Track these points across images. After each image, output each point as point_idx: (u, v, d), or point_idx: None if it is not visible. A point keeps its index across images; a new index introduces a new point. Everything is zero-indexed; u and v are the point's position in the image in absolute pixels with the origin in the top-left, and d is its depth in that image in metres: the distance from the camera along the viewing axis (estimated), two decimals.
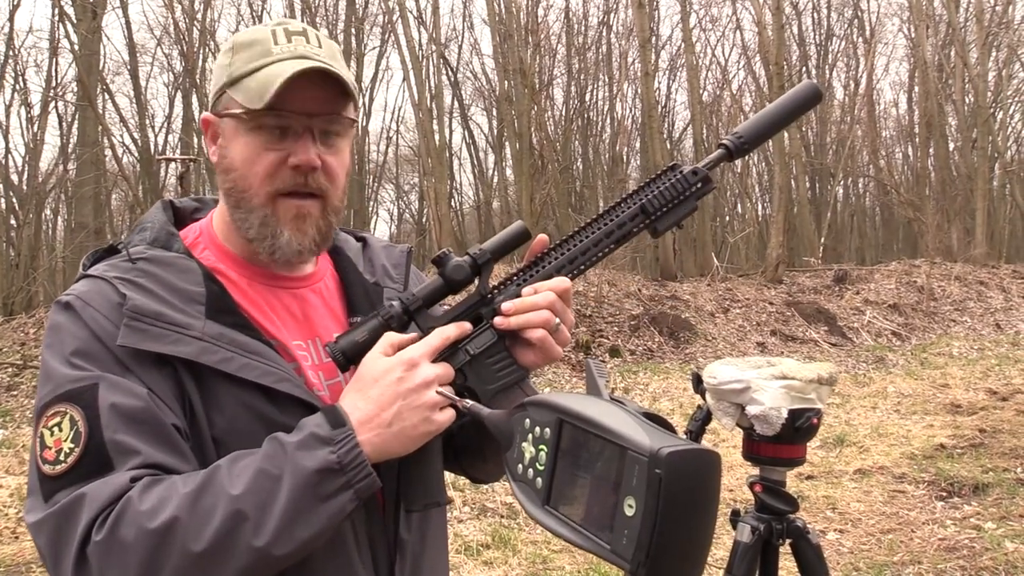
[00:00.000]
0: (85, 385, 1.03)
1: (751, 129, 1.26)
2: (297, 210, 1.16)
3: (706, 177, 1.23)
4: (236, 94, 1.13)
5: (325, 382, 1.19)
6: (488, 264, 1.17)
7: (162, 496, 0.97)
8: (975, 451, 6.44)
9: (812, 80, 1.33)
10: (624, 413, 0.76)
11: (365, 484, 1.01)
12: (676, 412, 7.89)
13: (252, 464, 1.00)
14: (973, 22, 21.96)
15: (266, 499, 0.97)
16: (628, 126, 23.62)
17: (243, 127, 1.14)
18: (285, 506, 0.97)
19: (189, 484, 0.98)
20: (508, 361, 1.16)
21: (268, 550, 0.97)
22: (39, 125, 19.80)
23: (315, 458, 0.99)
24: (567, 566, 4.48)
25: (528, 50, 17.82)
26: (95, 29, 15.34)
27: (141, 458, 1.01)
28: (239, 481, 0.98)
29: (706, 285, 13.61)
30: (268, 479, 0.98)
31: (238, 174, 1.15)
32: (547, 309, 1.14)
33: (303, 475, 0.98)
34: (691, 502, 0.68)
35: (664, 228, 1.22)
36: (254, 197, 1.15)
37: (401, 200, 32.99)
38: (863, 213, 31.55)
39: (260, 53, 1.14)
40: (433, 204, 16.90)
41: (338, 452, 1.00)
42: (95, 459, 1.00)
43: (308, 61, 1.11)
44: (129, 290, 1.08)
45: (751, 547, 1.56)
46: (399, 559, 1.17)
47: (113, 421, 1.01)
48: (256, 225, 1.16)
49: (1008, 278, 16.22)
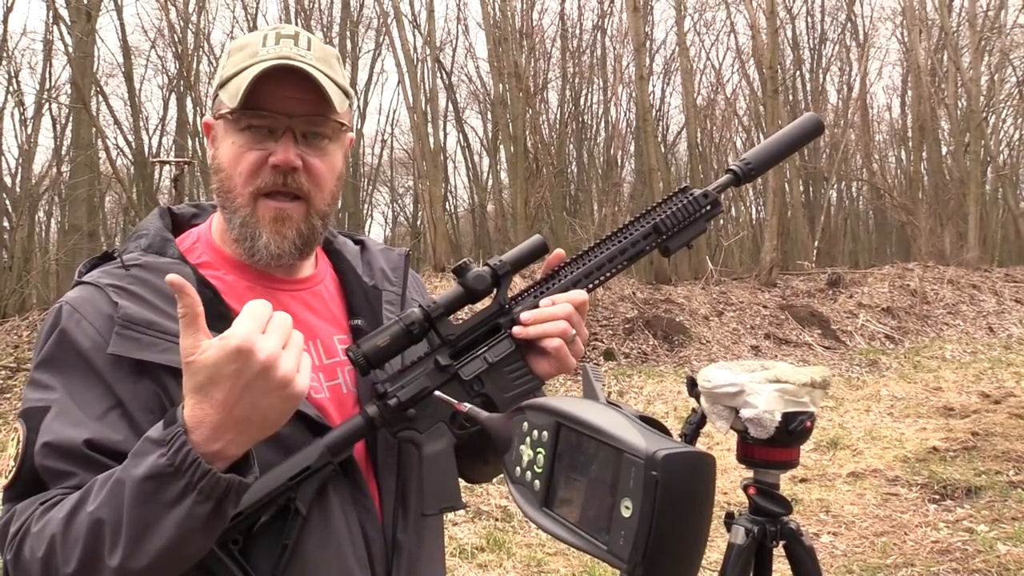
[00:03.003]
0: (38, 407, 1.06)
1: (758, 156, 1.32)
2: (276, 212, 1.15)
3: (716, 200, 1.29)
4: (223, 95, 1.15)
5: (325, 383, 1.20)
6: (508, 275, 1.20)
7: (49, 518, 0.98)
8: (968, 454, 6.46)
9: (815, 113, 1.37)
10: (620, 416, 0.77)
11: (207, 482, 0.92)
12: (671, 415, 7.91)
13: (113, 474, 0.96)
14: (966, 27, 22.05)
15: (117, 513, 0.93)
16: (623, 130, 23.64)
17: (231, 128, 1.15)
18: (130, 518, 0.92)
19: (65, 506, 0.97)
20: (525, 370, 1.19)
21: (126, 566, 0.92)
22: (33, 127, 19.74)
23: (144, 465, 0.93)
24: (561, 569, 4.48)
25: (523, 54, 17.84)
26: (89, 31, 15.30)
27: (76, 479, 1.02)
28: (100, 495, 0.95)
29: (700, 288, 13.63)
30: (120, 489, 0.94)
31: (224, 174, 1.17)
32: (564, 320, 1.18)
33: (136, 483, 0.93)
34: (686, 503, 0.69)
35: (675, 248, 1.28)
36: (237, 197, 1.16)
37: (396, 203, 32.98)
38: (856, 217, 31.62)
39: (248, 55, 1.15)
40: (428, 207, 16.88)
41: (167, 454, 0.92)
42: (27, 481, 1.04)
43: (287, 61, 1.12)
44: (121, 298, 1.09)
45: (745, 549, 1.57)
46: (396, 561, 1.17)
47: (45, 448, 1.03)
48: (237, 226, 1.17)
49: (1001, 282, 16.27)
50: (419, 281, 1.43)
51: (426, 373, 1.18)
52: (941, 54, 22.94)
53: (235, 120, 1.14)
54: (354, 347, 1.14)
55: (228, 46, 1.22)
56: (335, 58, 1.21)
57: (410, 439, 1.17)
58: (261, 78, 1.10)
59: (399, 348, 1.16)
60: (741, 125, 26.64)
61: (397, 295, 1.33)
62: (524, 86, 16.97)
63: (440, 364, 1.19)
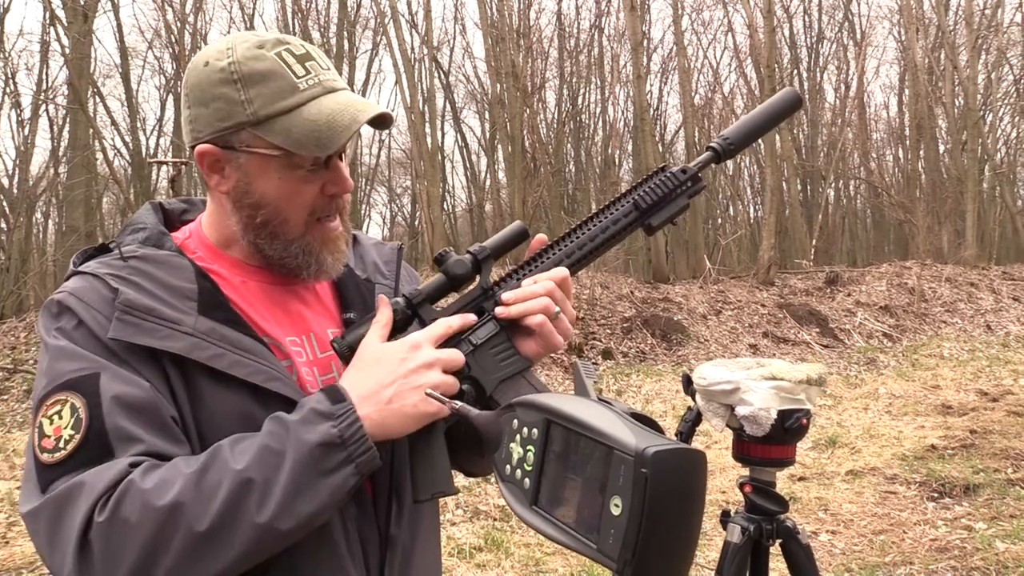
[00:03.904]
0: (86, 374, 1.03)
1: (737, 132, 1.32)
2: (332, 233, 1.19)
3: (695, 176, 1.29)
4: (269, 135, 1.10)
5: (320, 378, 1.19)
6: (488, 260, 1.21)
7: (165, 476, 0.97)
8: (966, 452, 6.46)
9: (793, 87, 1.36)
10: (611, 413, 0.76)
11: (366, 458, 1.02)
12: (668, 414, 7.91)
13: (255, 441, 1.01)
14: (963, 25, 22.07)
15: (269, 474, 0.98)
16: (620, 129, 23.67)
17: (276, 164, 1.12)
18: (288, 480, 0.98)
19: (192, 464, 0.99)
20: (511, 351, 1.18)
21: (272, 524, 0.97)
22: (30, 128, 19.74)
23: (316, 432, 1.00)
24: (560, 568, 4.47)
25: (520, 53, 17.85)
26: (86, 32, 15.30)
27: (143, 446, 1.01)
28: (243, 457, 0.99)
29: (698, 287, 13.63)
30: (271, 454, 0.99)
31: (271, 209, 1.14)
32: (547, 296, 1.18)
33: (305, 449, 0.99)
34: (677, 501, 0.69)
35: (658, 224, 1.27)
36: (293, 229, 1.16)
37: (394, 203, 32.99)
38: (854, 215, 31.65)
39: (286, 89, 1.10)
40: (426, 207, 16.89)
41: (339, 426, 1.01)
42: (96, 446, 1.00)
43: (346, 95, 1.14)
44: (121, 285, 1.08)
45: (741, 547, 1.56)
46: (389, 555, 1.17)
47: (115, 408, 1.01)
48: (300, 254, 1.18)
49: (998, 279, 16.29)
50: (413, 274, 1.43)
51: None
52: (938, 52, 22.97)
53: (282, 156, 1.12)
54: (339, 339, 1.15)
55: (234, 71, 1.10)
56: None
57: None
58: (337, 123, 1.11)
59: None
60: None
61: (390, 288, 1.33)
62: (522, 86, 16.97)
63: None
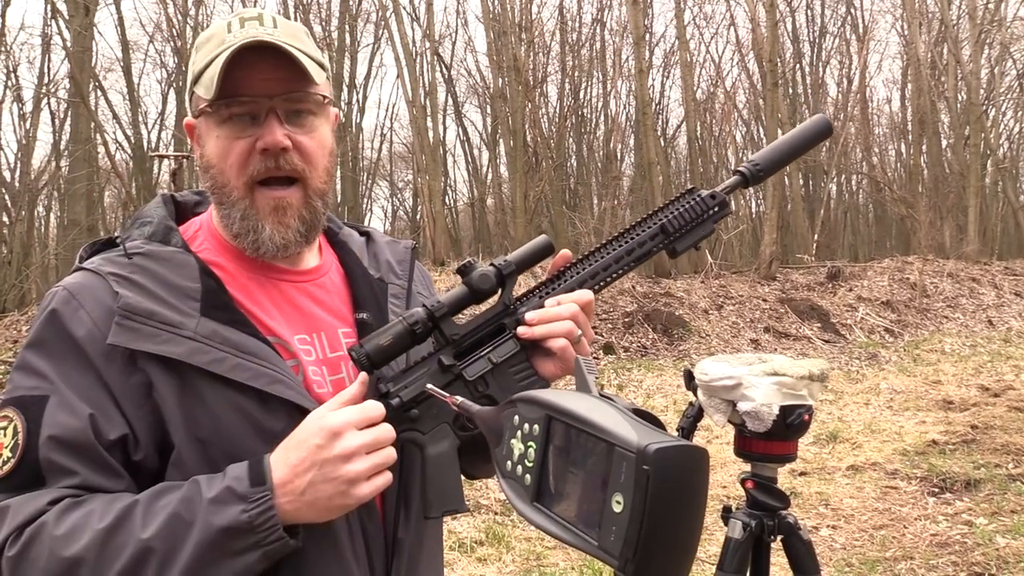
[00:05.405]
0: (37, 396, 1.03)
1: (766, 158, 1.31)
2: (276, 202, 1.14)
3: (723, 201, 1.28)
4: (199, 90, 1.13)
5: (328, 378, 1.18)
6: (512, 275, 1.19)
7: (77, 524, 0.97)
8: (967, 447, 6.46)
9: (824, 114, 1.35)
10: (613, 410, 0.75)
11: (276, 547, 0.99)
12: (670, 409, 7.90)
13: (168, 507, 0.99)
14: (966, 19, 22.00)
15: (173, 546, 0.96)
16: (622, 123, 23.61)
17: (213, 122, 1.13)
18: (191, 556, 0.96)
19: (105, 518, 0.97)
20: (529, 371, 1.18)
21: None
22: (31, 122, 19.72)
23: (227, 515, 0.97)
24: (561, 562, 4.48)
25: (522, 47, 17.81)
26: (88, 25, 15.27)
27: (78, 479, 1.01)
28: (152, 523, 0.97)
29: (700, 282, 13.62)
30: (181, 524, 0.97)
31: (216, 170, 1.14)
32: (570, 320, 1.16)
33: (213, 529, 0.97)
34: (678, 498, 0.68)
35: (683, 249, 1.27)
36: (233, 190, 1.14)
37: (395, 197, 32.96)
38: (856, 210, 31.59)
39: (215, 45, 1.12)
40: (427, 201, 16.88)
41: (250, 512, 0.98)
42: (28, 474, 1.01)
43: (255, 40, 1.09)
44: (123, 287, 1.07)
45: (742, 543, 1.56)
46: (395, 560, 1.16)
47: (50, 443, 1.01)
48: (238, 219, 1.15)
49: (1000, 275, 16.27)
50: (425, 274, 1.40)
51: (429, 373, 1.16)
52: (941, 47, 22.90)
53: (215, 112, 1.12)
54: (357, 347, 1.12)
55: (196, 41, 1.18)
56: (304, 33, 1.18)
57: (413, 440, 1.15)
58: (233, 63, 1.07)
59: (402, 348, 1.14)
60: (741, 118, 26.60)
61: (403, 289, 1.30)
62: (523, 80, 16.94)
63: (444, 364, 1.16)
